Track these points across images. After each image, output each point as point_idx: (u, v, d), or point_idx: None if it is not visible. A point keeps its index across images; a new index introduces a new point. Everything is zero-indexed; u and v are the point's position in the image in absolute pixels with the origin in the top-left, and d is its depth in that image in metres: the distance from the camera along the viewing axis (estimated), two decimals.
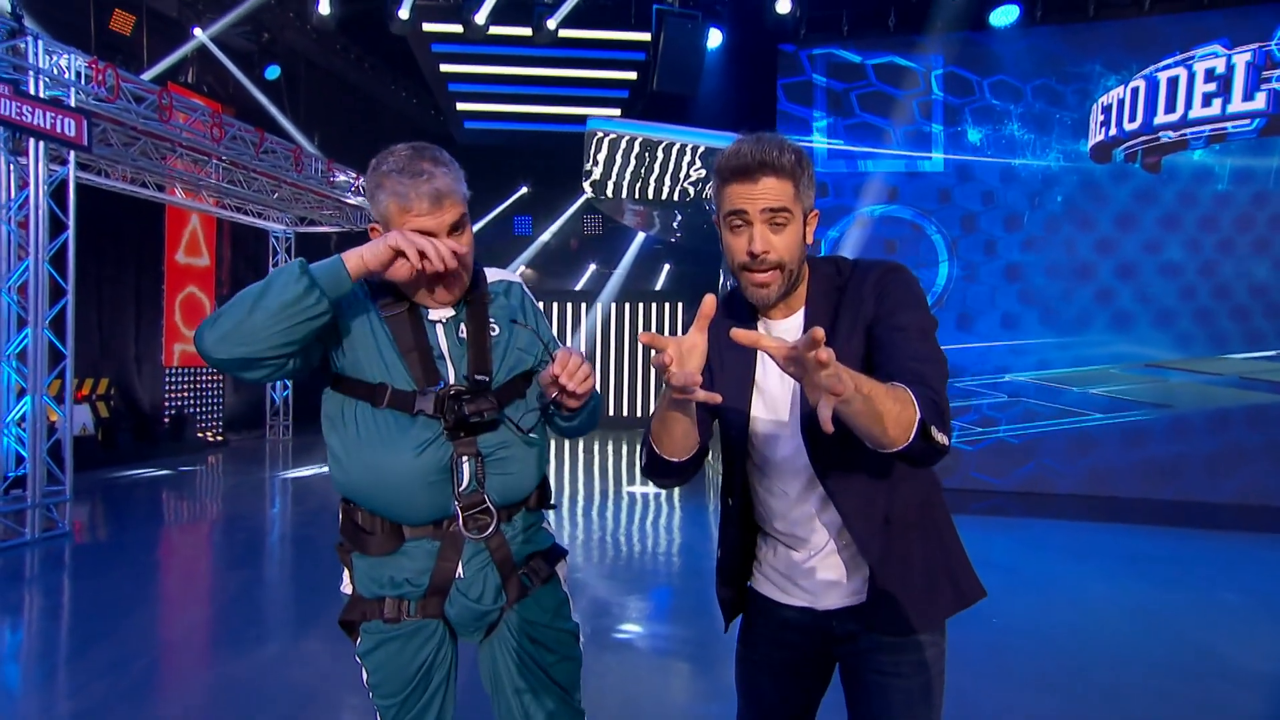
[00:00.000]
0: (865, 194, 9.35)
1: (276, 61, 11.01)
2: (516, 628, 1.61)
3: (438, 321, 1.55)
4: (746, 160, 1.32)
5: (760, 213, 1.33)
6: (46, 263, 5.83)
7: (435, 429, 1.49)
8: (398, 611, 1.54)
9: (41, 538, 5.80)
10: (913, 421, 1.15)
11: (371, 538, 1.53)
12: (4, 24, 5.64)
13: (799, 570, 1.46)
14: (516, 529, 1.61)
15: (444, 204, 1.44)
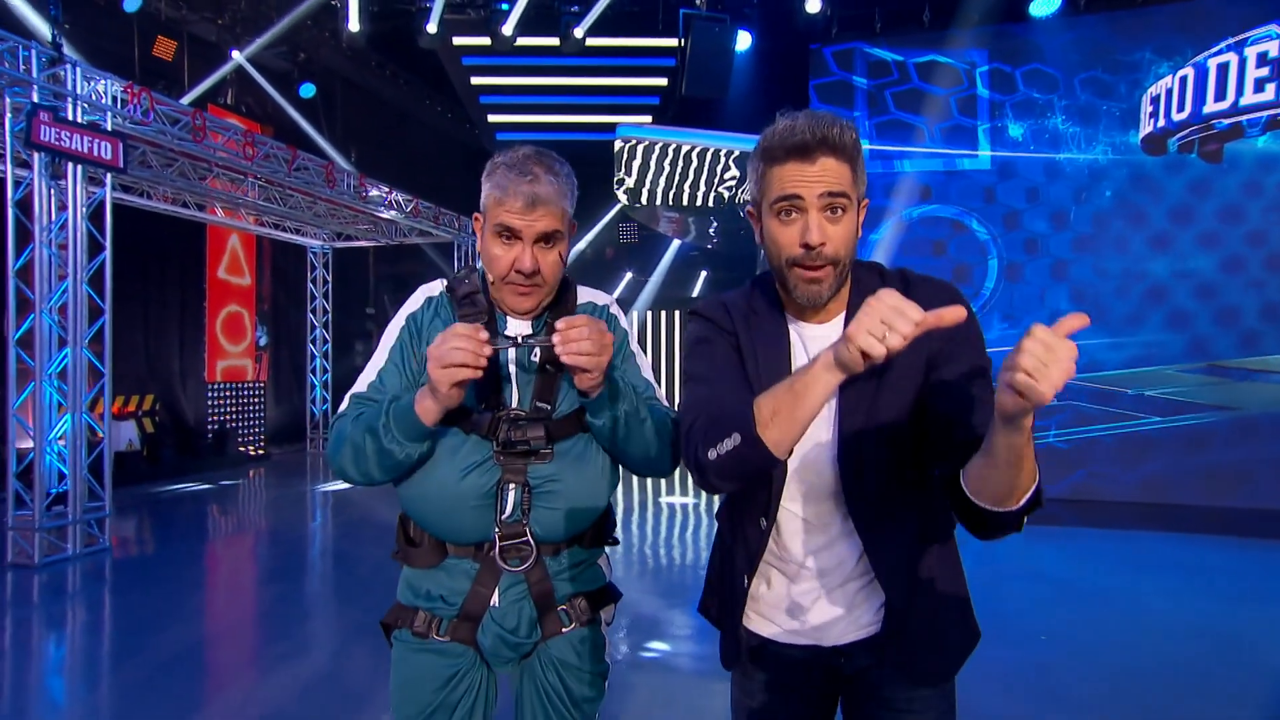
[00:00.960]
0: (904, 194, 9.11)
1: (312, 80, 11.20)
2: (547, 664, 1.56)
3: (513, 339, 1.48)
4: (804, 137, 1.16)
5: (818, 198, 1.17)
6: (85, 283, 5.95)
7: (486, 451, 1.46)
8: (427, 627, 1.52)
9: (83, 553, 5.91)
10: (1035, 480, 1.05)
11: (416, 550, 1.53)
12: (44, 54, 5.80)
13: (804, 603, 1.34)
14: (563, 565, 1.55)
15: (537, 209, 1.40)
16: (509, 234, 1.42)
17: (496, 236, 1.44)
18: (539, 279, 1.45)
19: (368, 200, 9.33)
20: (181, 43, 9.55)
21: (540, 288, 1.47)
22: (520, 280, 1.44)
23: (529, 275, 1.43)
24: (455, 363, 1.28)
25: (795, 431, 1.12)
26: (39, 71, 5.69)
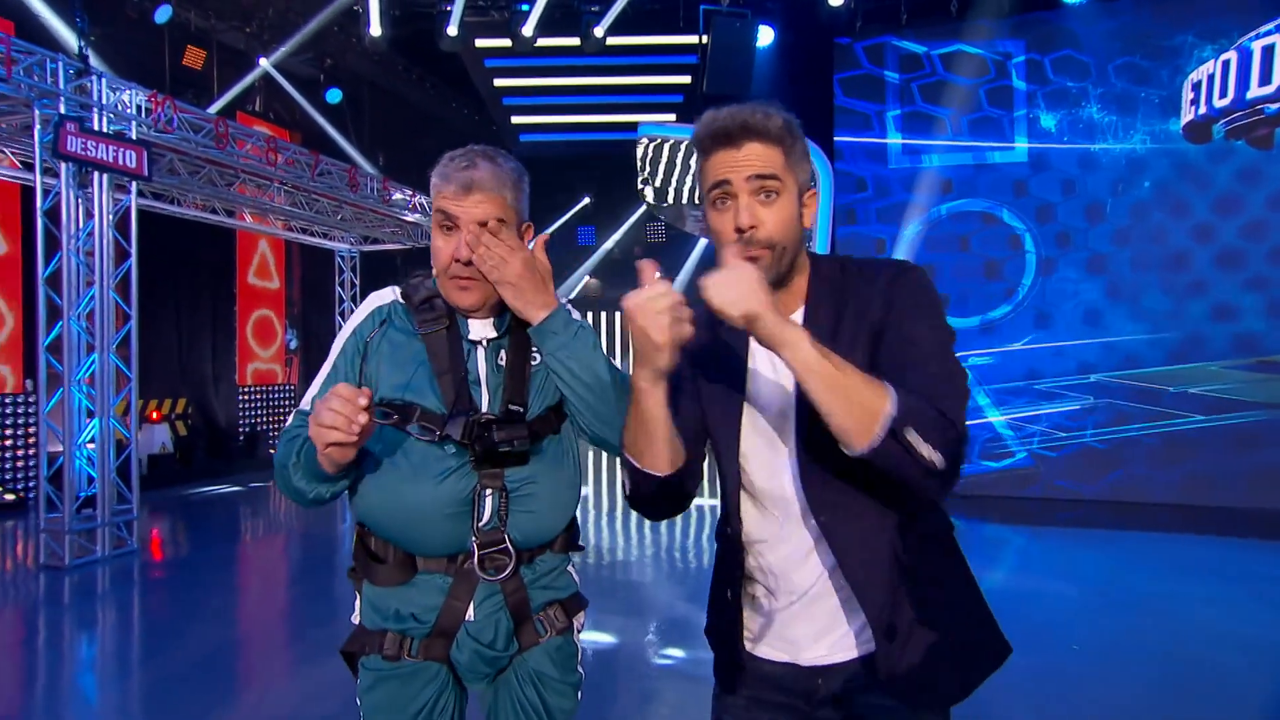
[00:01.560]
0: (933, 188, 8.91)
1: (339, 85, 11.32)
2: (523, 676, 1.51)
3: (478, 343, 1.47)
4: (726, 124, 1.17)
5: (746, 181, 1.17)
6: (112, 290, 6.05)
7: (461, 457, 1.40)
8: (398, 649, 1.44)
9: (111, 555, 6.01)
10: (879, 412, 1.02)
11: (381, 566, 1.45)
12: (71, 65, 5.90)
13: (783, 618, 1.27)
14: (537, 573, 1.50)
15: (473, 194, 1.36)
16: (448, 221, 1.39)
17: (438, 228, 1.41)
18: (476, 269, 1.39)
19: (391, 203, 9.38)
20: (211, 52, 9.70)
21: (481, 280, 1.41)
22: (460, 271, 1.39)
23: (467, 264, 1.38)
24: (325, 424, 1.22)
25: (659, 448, 1.18)
26: (66, 83, 5.79)
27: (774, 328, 1.03)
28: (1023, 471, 8.59)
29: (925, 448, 1.03)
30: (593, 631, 4.54)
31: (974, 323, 8.79)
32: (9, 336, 8.01)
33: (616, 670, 3.90)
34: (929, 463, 1.03)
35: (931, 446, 1.03)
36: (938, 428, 1.05)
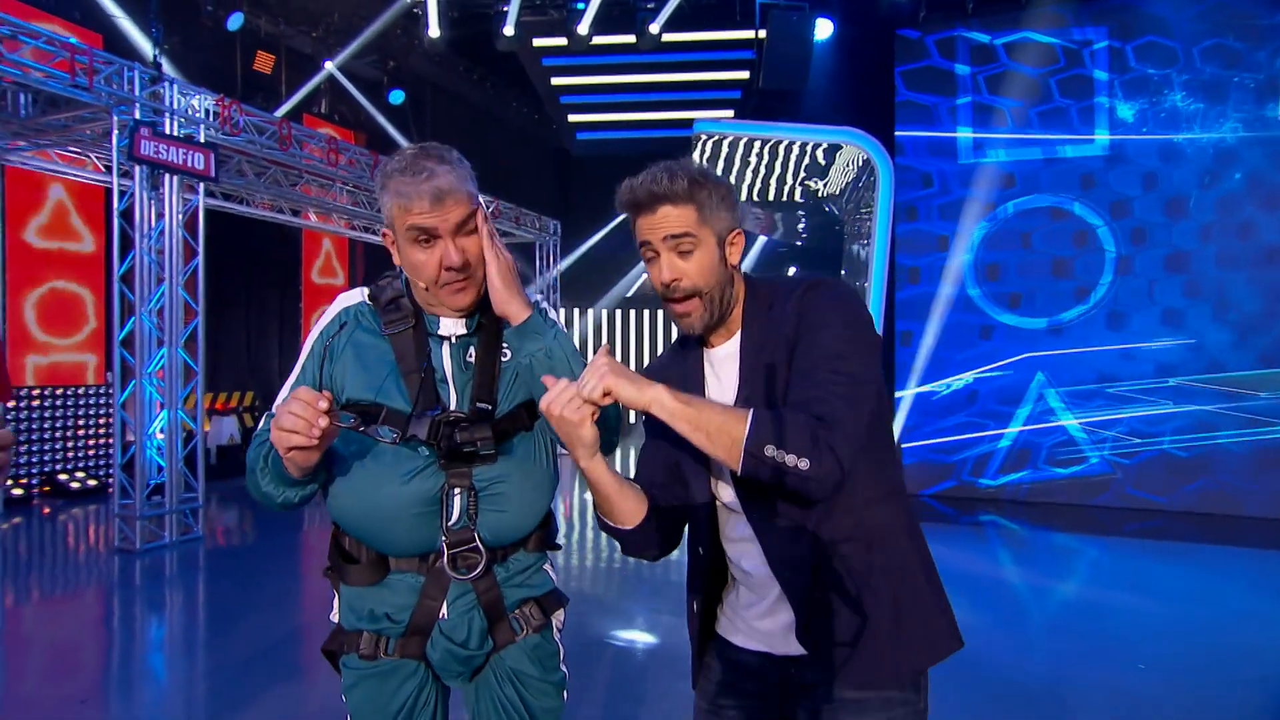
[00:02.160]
0: (999, 182, 8.57)
1: (402, 87, 11.56)
2: (502, 675, 1.51)
3: (446, 339, 1.46)
4: (638, 193, 1.31)
5: (663, 241, 1.30)
6: (181, 287, 6.31)
7: (428, 457, 1.40)
8: (374, 648, 1.45)
9: (179, 540, 6.27)
10: (739, 439, 1.14)
11: (354, 566, 1.46)
12: (146, 73, 6.17)
13: (754, 613, 1.38)
14: (511, 571, 1.50)
15: (446, 202, 1.35)
16: (425, 235, 1.36)
17: (414, 243, 1.37)
18: (470, 270, 1.40)
19: None
20: (280, 56, 10.03)
21: (474, 279, 1.42)
22: (454, 277, 1.39)
23: (460, 269, 1.38)
24: (286, 428, 1.21)
25: (621, 506, 1.33)
26: (141, 90, 6.06)
27: (634, 393, 1.16)
28: (1095, 479, 8.19)
29: (790, 457, 1.12)
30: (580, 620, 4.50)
31: (1041, 324, 8.43)
32: (94, 330, 8.45)
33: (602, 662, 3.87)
34: (796, 470, 1.13)
35: (796, 454, 1.13)
36: (807, 433, 1.14)
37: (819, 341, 1.25)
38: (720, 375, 1.36)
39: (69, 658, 4.28)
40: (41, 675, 4.01)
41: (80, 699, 3.66)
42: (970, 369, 8.69)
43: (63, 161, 7.63)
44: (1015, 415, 8.50)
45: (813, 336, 1.25)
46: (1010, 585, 5.72)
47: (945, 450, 8.75)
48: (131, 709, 3.56)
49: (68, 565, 6.11)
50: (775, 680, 1.36)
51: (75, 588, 5.58)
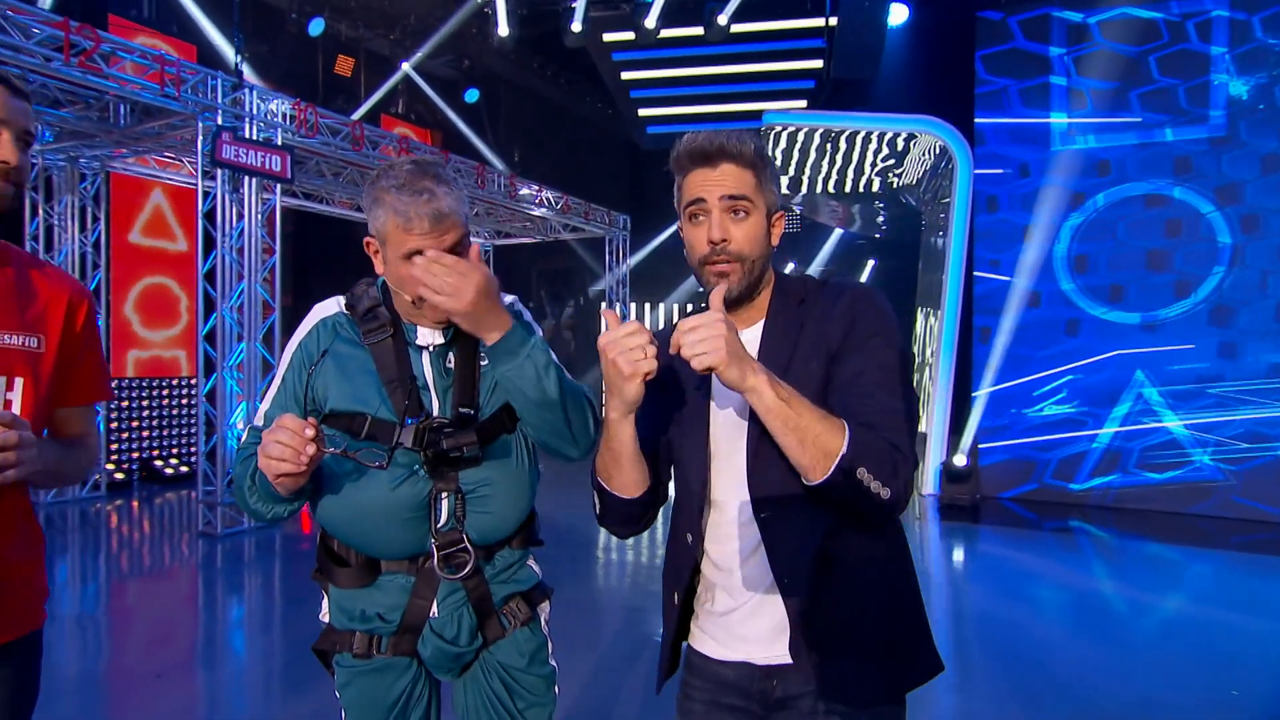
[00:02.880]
0: (1089, 170, 8.08)
1: (477, 85, 11.79)
2: (490, 670, 1.55)
3: (425, 348, 1.48)
4: (704, 145, 1.28)
5: (720, 200, 1.28)
6: (259, 284, 6.62)
7: (413, 462, 1.44)
8: (368, 647, 1.50)
9: (256, 526, 6.60)
10: (834, 453, 1.10)
11: (343, 570, 1.50)
12: (228, 81, 6.49)
13: (736, 618, 1.33)
14: (497, 568, 1.55)
15: (444, 224, 1.37)
16: (417, 253, 1.37)
17: (407, 260, 1.38)
18: None
19: (518, 199, 9.68)
20: (359, 59, 10.38)
21: None
22: None
23: None
24: (274, 456, 1.24)
25: (628, 474, 1.28)
26: (223, 97, 6.37)
27: (737, 377, 1.10)
28: (1197, 485, 7.64)
29: (875, 484, 1.11)
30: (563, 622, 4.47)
31: (1134, 319, 7.92)
32: (186, 326, 8.98)
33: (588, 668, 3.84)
34: (877, 497, 1.12)
35: (881, 482, 1.11)
36: (890, 462, 1.12)
37: (876, 358, 1.23)
38: None
39: (147, 635, 4.58)
40: (120, 650, 4.31)
41: (155, 674, 3.93)
42: (1054, 366, 8.25)
43: (160, 166, 8.12)
44: (1106, 416, 8.01)
45: (866, 355, 1.23)
46: (1099, 597, 5.39)
47: (1025, 451, 8.34)
48: (202, 685, 3.78)
49: (154, 547, 6.53)
50: (756, 693, 1.31)
51: (157, 569, 5.96)
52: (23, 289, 1.32)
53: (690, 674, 1.40)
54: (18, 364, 1.28)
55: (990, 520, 7.61)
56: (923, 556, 6.34)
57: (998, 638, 4.39)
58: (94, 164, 7.65)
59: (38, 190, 7.43)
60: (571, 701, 3.38)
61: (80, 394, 1.42)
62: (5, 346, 1.27)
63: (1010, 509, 8.06)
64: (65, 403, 1.39)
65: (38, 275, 1.36)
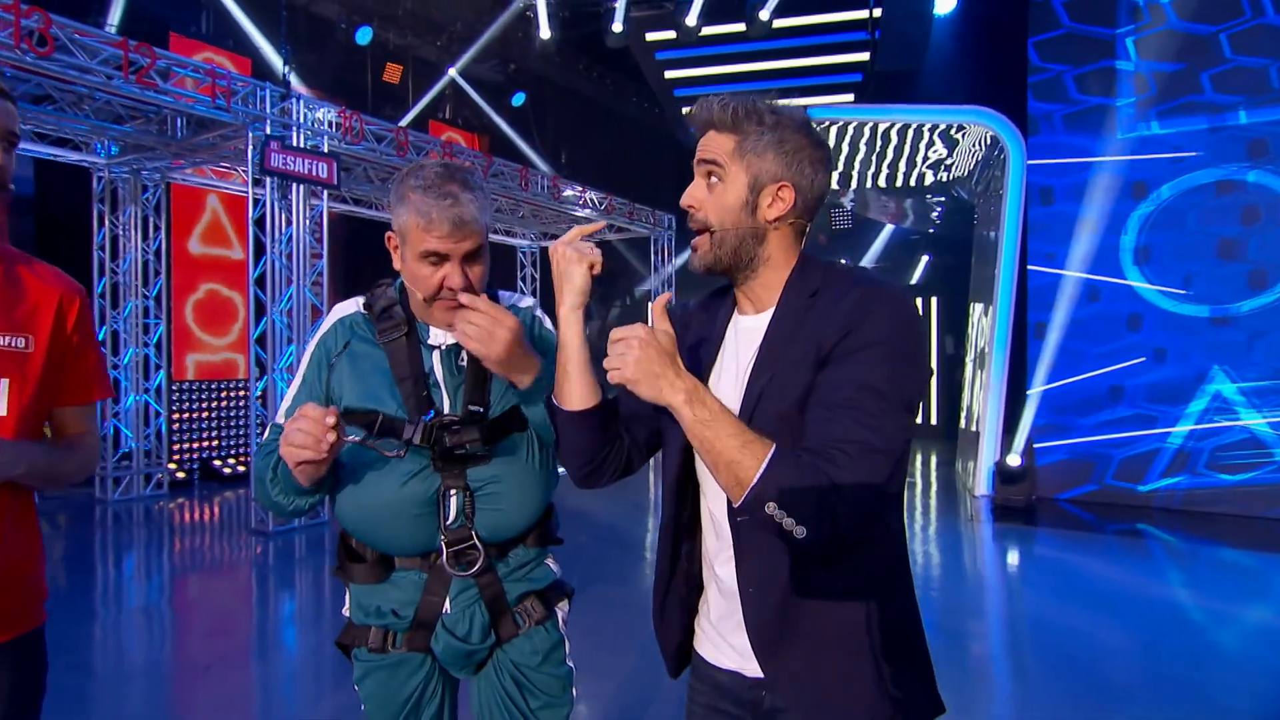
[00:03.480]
0: (1154, 157, 7.71)
1: (523, 88, 11.90)
2: (503, 668, 1.56)
3: (436, 347, 1.51)
4: (696, 116, 1.25)
5: (697, 165, 1.23)
6: (307, 288, 6.79)
7: (423, 460, 1.46)
8: (383, 642, 1.53)
9: (306, 525, 6.78)
10: (745, 483, 1.02)
11: (359, 566, 1.53)
12: (276, 91, 6.68)
13: (728, 624, 1.26)
14: (511, 566, 1.56)
15: (464, 230, 1.40)
16: (436, 258, 1.42)
17: (423, 260, 1.42)
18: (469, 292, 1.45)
19: (562, 200, 9.73)
20: (406, 66, 10.58)
21: None
22: (450, 297, 1.43)
23: (458, 291, 1.43)
24: (295, 444, 1.28)
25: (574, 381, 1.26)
26: (271, 107, 6.56)
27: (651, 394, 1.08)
28: (1277, 488, 7.22)
29: (788, 520, 1.01)
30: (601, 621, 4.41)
31: (1203, 311, 7.53)
32: (242, 330, 9.28)
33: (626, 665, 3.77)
34: (790, 535, 1.01)
35: (795, 520, 1.00)
36: (814, 500, 1.01)
37: (864, 372, 1.07)
38: (740, 349, 1.25)
39: (198, 627, 4.73)
40: (173, 641, 4.46)
41: (205, 665, 4.05)
42: (1115, 362, 7.90)
43: (216, 176, 8.41)
44: (1175, 413, 7.63)
45: (855, 367, 1.08)
46: (1169, 604, 5.12)
47: (1084, 451, 8.01)
48: (247, 678, 3.89)
49: (209, 544, 6.76)
50: (747, 702, 1.26)
51: (211, 565, 6.16)
52: (11, 288, 1.32)
53: (693, 676, 1.36)
54: (3, 365, 1.28)
55: (1047, 522, 7.33)
56: (975, 559, 6.14)
57: (1056, 645, 4.19)
58: (155, 175, 7.96)
59: (104, 202, 7.77)
60: (607, 700, 3.37)
61: (76, 394, 1.42)
62: None
63: (1069, 511, 7.75)
64: (61, 402, 1.40)
65: (28, 274, 1.36)
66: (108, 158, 7.61)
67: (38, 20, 5.23)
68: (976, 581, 5.64)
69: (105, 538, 6.76)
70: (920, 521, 7.41)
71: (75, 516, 7.26)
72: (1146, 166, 7.75)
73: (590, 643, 3.30)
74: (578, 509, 6.89)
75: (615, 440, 1.33)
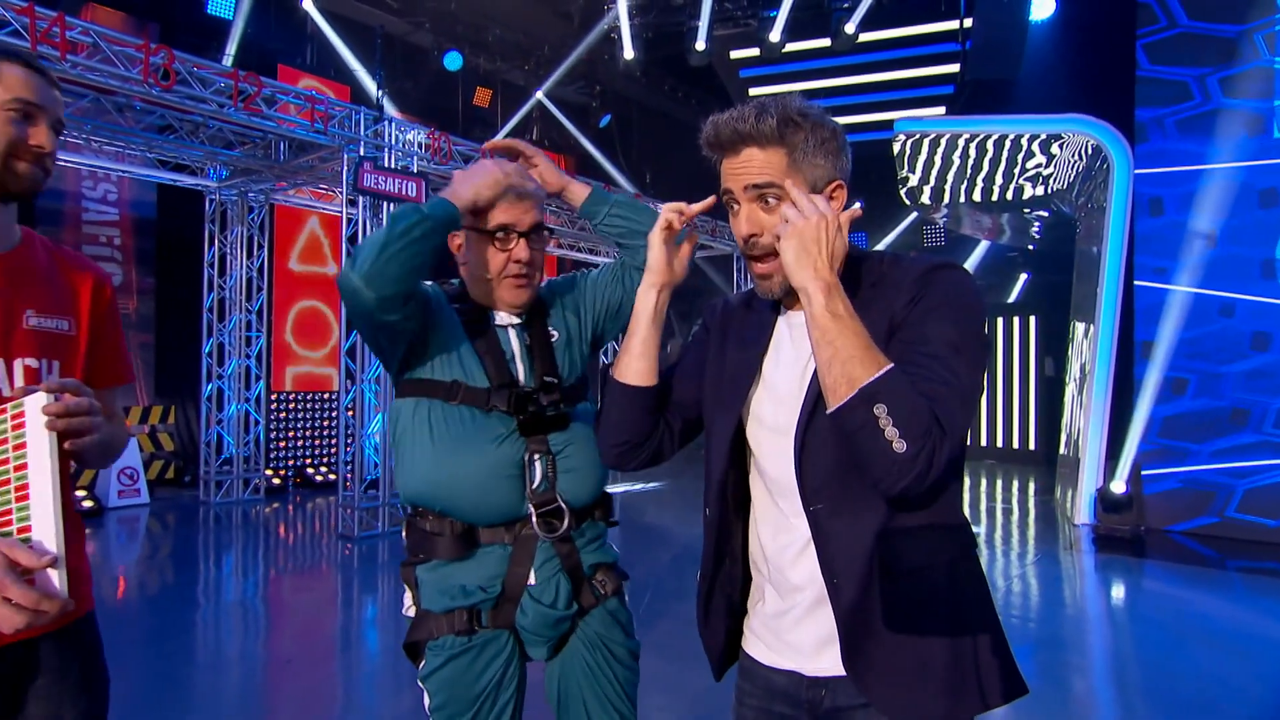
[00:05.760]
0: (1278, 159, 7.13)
1: (609, 109, 12.09)
2: (587, 640, 1.63)
3: (506, 327, 1.64)
4: (721, 132, 1.17)
5: (744, 191, 1.16)
6: None
7: (509, 425, 1.55)
8: (468, 622, 1.54)
9: (389, 530, 6.96)
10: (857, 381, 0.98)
11: (440, 539, 1.55)
12: (370, 114, 6.99)
13: (785, 621, 1.22)
14: (586, 537, 1.64)
15: (526, 203, 1.58)
16: (506, 233, 1.56)
17: (493, 240, 1.57)
18: (533, 270, 1.61)
19: None
20: (496, 90, 10.92)
21: (532, 278, 1.61)
22: (518, 270, 1.57)
23: (526, 264, 1.58)
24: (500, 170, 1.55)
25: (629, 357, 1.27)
26: (365, 129, 6.87)
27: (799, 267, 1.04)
28: None
29: (891, 429, 0.97)
30: None
31: None
32: (335, 344, 9.70)
33: None
34: (889, 446, 0.97)
35: (899, 431, 0.97)
36: (921, 419, 0.99)
37: (939, 328, 1.09)
38: (796, 340, 1.21)
39: (284, 624, 4.91)
40: (261, 636, 4.64)
41: (286, 659, 4.20)
42: (1238, 385, 7.29)
43: (315, 198, 8.86)
44: None
45: (930, 324, 1.10)
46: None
47: (1200, 480, 7.40)
48: (328, 673, 4.03)
49: (298, 547, 7.03)
50: (804, 702, 1.22)
51: (297, 567, 6.40)
52: (52, 274, 1.35)
53: (743, 678, 1.31)
54: (55, 347, 1.31)
55: (1158, 555, 6.79)
56: (1076, 590, 5.73)
57: (1169, 686, 3.83)
58: (260, 197, 8.45)
59: (214, 222, 8.29)
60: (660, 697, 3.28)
61: (107, 376, 1.43)
62: (41, 329, 1.28)
63: (1183, 544, 7.16)
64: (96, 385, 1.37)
65: (62, 260, 1.39)
66: (218, 181, 8.12)
67: (163, 57, 5.65)
68: (1077, 613, 5.25)
69: (207, 537, 7.13)
70: (1017, 549, 7.00)
71: (181, 517, 7.69)
72: (1274, 172, 7.17)
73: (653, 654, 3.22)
74: None
75: (658, 424, 1.32)
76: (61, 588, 1.10)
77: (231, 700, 3.61)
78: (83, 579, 1.37)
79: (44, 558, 1.07)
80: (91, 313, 1.38)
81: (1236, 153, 7.31)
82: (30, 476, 1.10)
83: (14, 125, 1.23)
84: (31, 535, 1.10)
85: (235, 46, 8.83)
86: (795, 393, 1.19)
